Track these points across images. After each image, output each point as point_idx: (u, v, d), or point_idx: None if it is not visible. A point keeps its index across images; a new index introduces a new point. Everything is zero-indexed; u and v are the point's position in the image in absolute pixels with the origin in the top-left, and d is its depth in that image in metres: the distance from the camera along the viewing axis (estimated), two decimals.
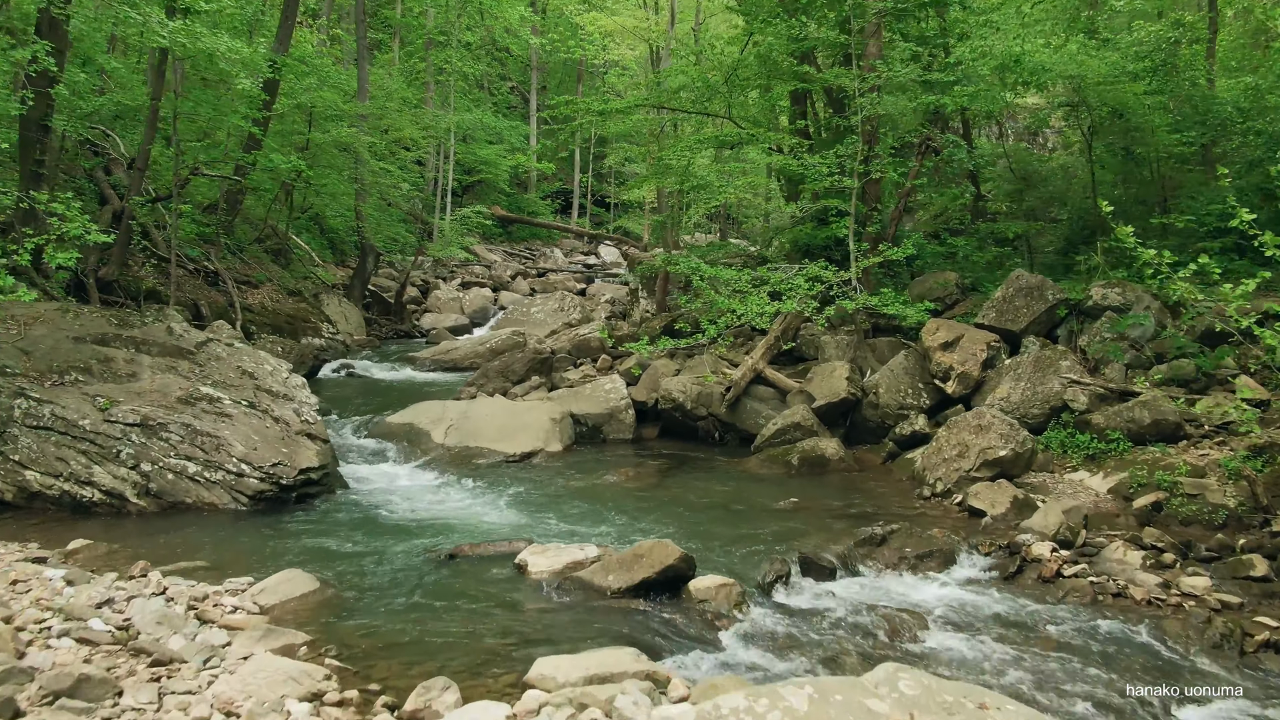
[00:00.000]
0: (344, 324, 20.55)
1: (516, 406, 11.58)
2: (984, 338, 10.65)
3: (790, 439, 10.28)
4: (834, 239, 13.25)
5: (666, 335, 18.12)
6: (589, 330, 18.40)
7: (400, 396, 14.34)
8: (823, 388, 10.69)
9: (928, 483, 8.59)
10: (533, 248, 35.88)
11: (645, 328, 17.95)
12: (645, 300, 22.19)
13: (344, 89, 22.57)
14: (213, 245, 17.02)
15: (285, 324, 17.07)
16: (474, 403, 11.79)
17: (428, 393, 14.55)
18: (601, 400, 11.76)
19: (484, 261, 30.57)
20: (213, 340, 10.57)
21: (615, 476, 9.45)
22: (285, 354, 15.42)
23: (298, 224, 25.53)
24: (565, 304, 22.15)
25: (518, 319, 22.25)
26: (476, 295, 25.31)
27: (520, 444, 10.64)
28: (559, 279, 28.92)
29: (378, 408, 13.02)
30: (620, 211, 42.26)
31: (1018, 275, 11.01)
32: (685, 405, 11.37)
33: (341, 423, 11.85)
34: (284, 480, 8.34)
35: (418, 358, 17.77)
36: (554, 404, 11.70)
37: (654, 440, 11.68)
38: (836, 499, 8.67)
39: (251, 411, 9.15)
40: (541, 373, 12.97)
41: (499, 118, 36.89)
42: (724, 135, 13.21)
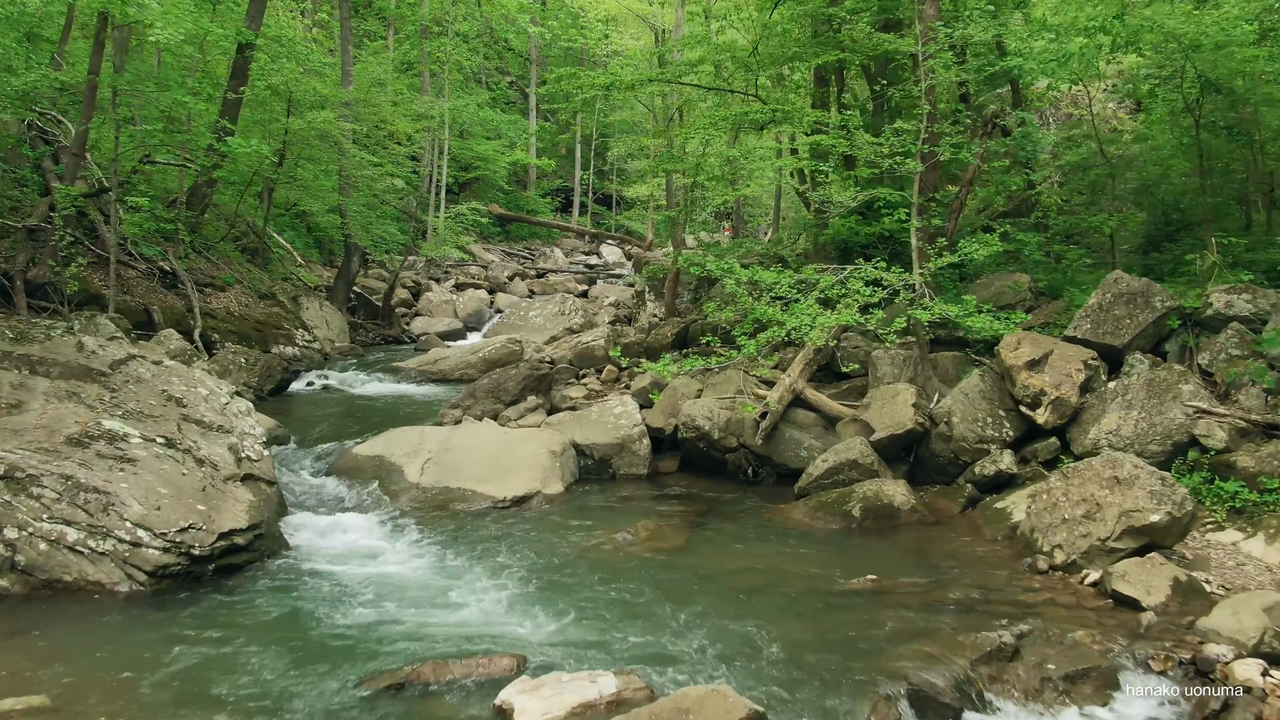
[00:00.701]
0: (324, 330, 18.41)
1: (509, 435, 9.43)
2: (1078, 354, 8.51)
3: (844, 479, 8.14)
4: (879, 235, 11.12)
5: (680, 345, 16.04)
6: (593, 338, 16.25)
7: (378, 416, 12.21)
8: (883, 416, 8.54)
9: (1041, 550, 6.44)
10: (532, 247, 33.74)
11: (655, 335, 15.81)
12: (652, 303, 20.05)
13: (325, 74, 20.43)
14: (172, 243, 14.85)
15: (254, 331, 14.91)
16: (458, 430, 9.64)
17: (408, 412, 12.41)
18: (610, 427, 9.61)
19: (480, 261, 28.42)
20: (135, 358, 8.41)
21: (630, 534, 7.30)
22: (249, 366, 13.30)
23: (281, 221, 23.40)
24: (566, 307, 20.00)
25: (514, 324, 20.10)
26: (471, 297, 23.16)
27: (512, 485, 8.49)
28: (559, 280, 26.77)
29: (347, 432, 10.88)
30: (623, 210, 40.09)
31: (1116, 278, 8.87)
32: (711, 435, 9.23)
33: (300, 454, 9.70)
34: (196, 550, 6.18)
35: (403, 368, 15.62)
36: (553, 432, 9.56)
37: (673, 476, 9.54)
38: (921, 571, 6.52)
39: (167, 453, 7.00)
40: (539, 391, 10.82)
41: (497, 111, 34.75)
42: (750, 112, 11.05)
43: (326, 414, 12.27)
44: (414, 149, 27.68)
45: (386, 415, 12.31)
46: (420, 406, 12.93)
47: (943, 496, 8.27)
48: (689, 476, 9.46)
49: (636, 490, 9.00)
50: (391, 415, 12.33)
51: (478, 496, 8.33)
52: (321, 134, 17.85)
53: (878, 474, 8.14)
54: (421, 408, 12.86)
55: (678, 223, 15.58)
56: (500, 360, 15.52)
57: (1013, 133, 10.31)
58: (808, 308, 7.86)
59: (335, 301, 20.02)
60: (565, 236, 35.91)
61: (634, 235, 37.17)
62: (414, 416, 12.01)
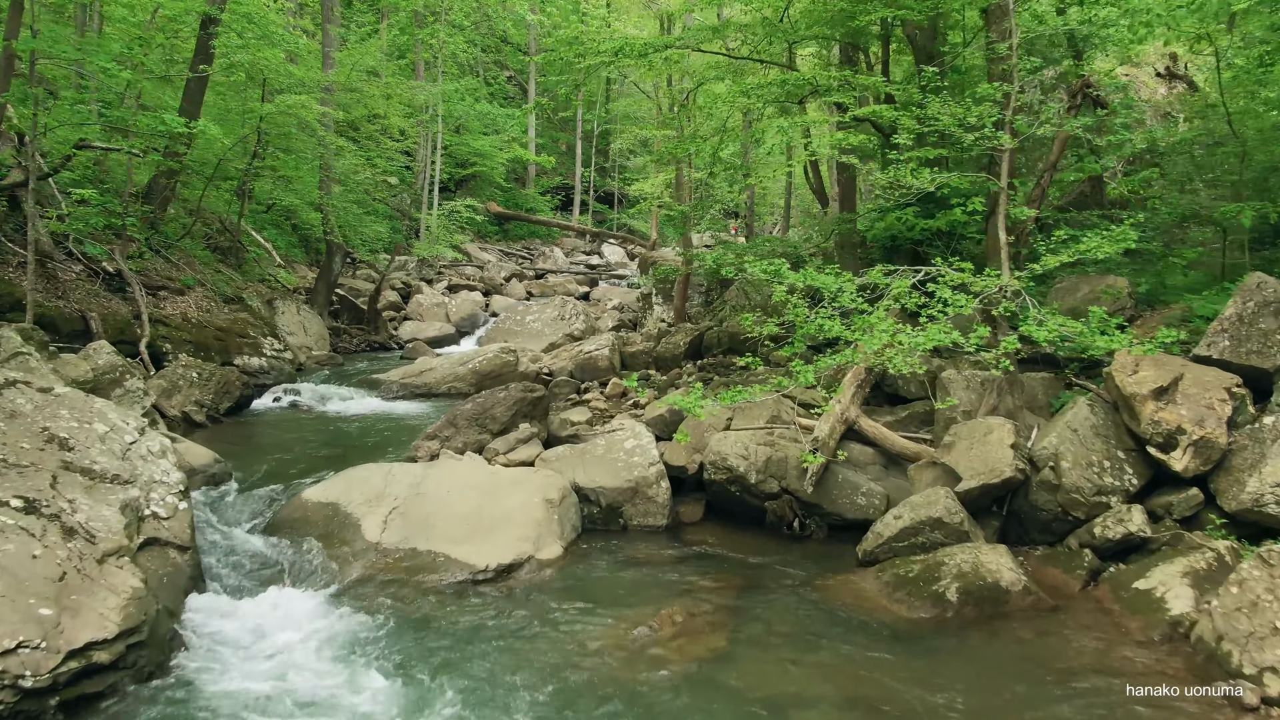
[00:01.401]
0: (301, 337, 16.42)
1: (496, 477, 7.43)
2: (1217, 380, 6.53)
3: (925, 542, 6.16)
4: (934, 231, 9.15)
5: (695, 356, 14.02)
6: (596, 346, 14.24)
7: (347, 441, 10.22)
8: (972, 459, 6.54)
9: (1242, 671, 4.45)
10: (531, 247, 31.74)
11: (666, 345, 13.80)
12: (660, 307, 18.04)
13: (304, 58, 18.41)
14: (121, 241, 12.84)
15: (214, 340, 12.91)
16: (434, 468, 7.64)
17: (383, 436, 10.42)
18: (621, 466, 7.61)
19: (476, 261, 26.42)
20: (14, 385, 6.41)
21: (650, 629, 5.30)
22: (202, 382, 11.30)
23: (263, 219, 21.39)
24: (566, 311, 18.01)
25: (510, 329, 18.10)
26: (465, 300, 21.15)
27: (497, 548, 6.49)
28: (559, 281, 24.76)
29: (306, 464, 8.90)
30: (625, 207, 38.08)
31: (1259, 283, 6.87)
32: (747, 478, 7.24)
33: (239, 500, 7.70)
34: (29, 680, 4.18)
35: (384, 381, 13.62)
36: (550, 472, 7.55)
37: (698, 528, 7.54)
38: (1065, 699, 4.53)
39: (18, 523, 5.00)
40: (533, 417, 8.82)
41: (495, 105, 32.74)
42: (787, 82, 9.01)
43: (287, 439, 10.27)
44: (407, 143, 25.68)
45: (357, 441, 10.32)
46: (398, 429, 10.94)
47: (1051, 563, 6.27)
48: (718, 528, 7.46)
49: (654, 549, 7.00)
50: (363, 440, 10.35)
51: (452, 564, 6.33)
52: (301, 122, 15.84)
53: (968, 536, 6.15)
54: (400, 430, 10.88)
55: (690, 219, 13.57)
56: (492, 373, 13.53)
57: (1109, 105, 8.37)
58: (881, 322, 5.86)
59: (315, 305, 18.04)
60: (565, 236, 33.92)
61: (637, 234, 35.17)
62: (389, 442, 10.03)
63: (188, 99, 14.85)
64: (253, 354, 13.31)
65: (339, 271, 18.31)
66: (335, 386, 13.73)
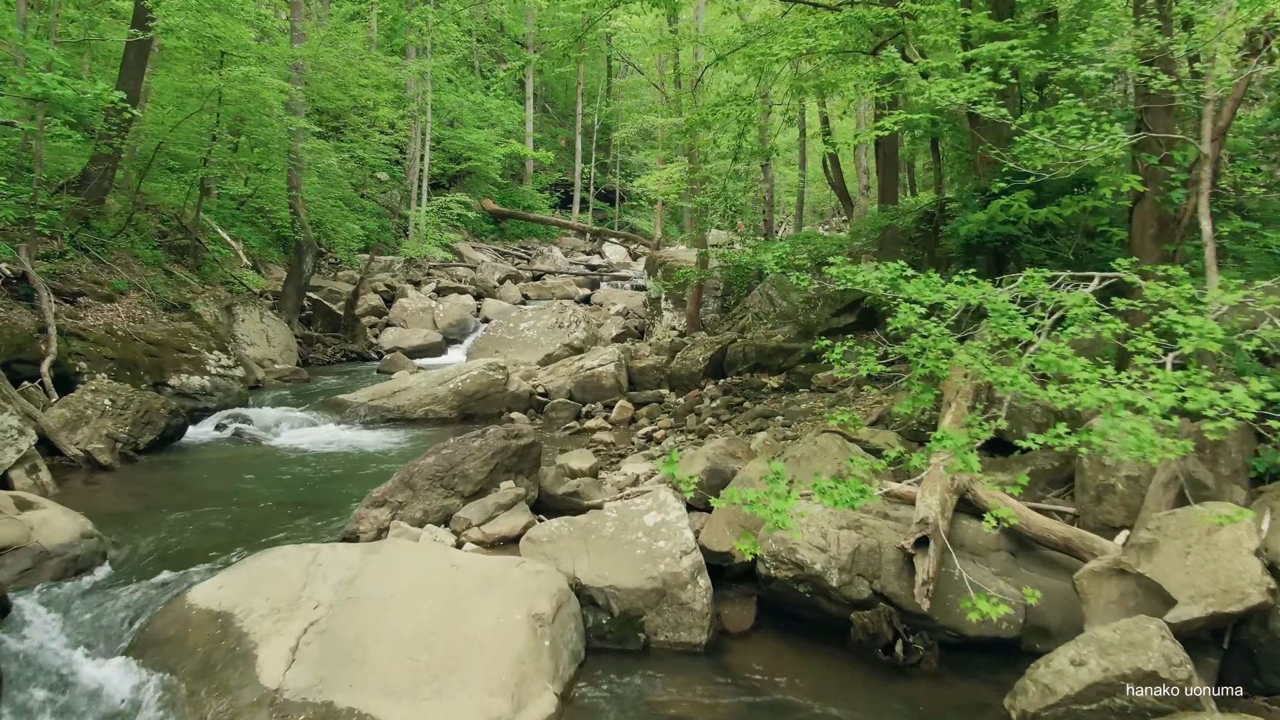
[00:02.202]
0: (263, 348, 14.04)
1: (463, 572, 5.05)
2: None
3: (1129, 707, 3.80)
4: (1035, 225, 6.80)
5: (717, 374, 11.64)
6: (599, 362, 11.86)
7: (285, 495, 7.82)
8: (1191, 572, 4.16)
9: None
10: (528, 246, 29.34)
11: (682, 361, 11.42)
12: (670, 312, 15.66)
13: (271, 34, 16.00)
14: (30, 238, 10.44)
15: (144, 357, 10.52)
16: (377, 555, 5.25)
17: (332, 484, 8.03)
18: (641, 554, 5.23)
19: (469, 262, 24.02)
20: None
21: None
22: (118, 410, 8.94)
23: (235, 215, 18.98)
24: (565, 318, 15.63)
25: (503, 338, 15.72)
26: (454, 304, 18.76)
27: (454, 710, 4.13)
28: (557, 283, 22.36)
29: (216, 536, 6.52)
30: (626, 205, 35.69)
31: None
32: (827, 578, 4.88)
33: (102, 598, 5.33)
34: None
35: (350, 404, 11.23)
36: (540, 565, 5.18)
37: (751, 644, 5.16)
38: None
39: None
40: (519, 471, 6.45)
41: (492, 97, 30.32)
42: (869, 14, 6.57)
43: (210, 489, 7.88)
44: (397, 137, 23.29)
45: (300, 491, 7.94)
46: (357, 471, 8.55)
47: None
48: (779, 645, 5.10)
49: (690, 684, 4.64)
50: (308, 490, 7.97)
51: None
52: (259, 101, 13.44)
53: (1196, 702, 3.78)
54: (358, 473, 8.50)
55: (714, 212, 11.22)
56: (477, 393, 11.16)
57: None
58: (1083, 369, 3.48)
59: (284, 311, 15.66)
60: (565, 234, 31.52)
61: (639, 233, 32.78)
62: (340, 495, 7.64)
63: (126, 73, 12.47)
64: (193, 372, 10.93)
65: (310, 273, 15.91)
66: (293, 409, 11.36)
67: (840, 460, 6.23)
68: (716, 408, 9.84)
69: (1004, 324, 3.66)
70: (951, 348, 3.82)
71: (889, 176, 12.51)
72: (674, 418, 10.16)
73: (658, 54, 20.95)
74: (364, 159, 23.31)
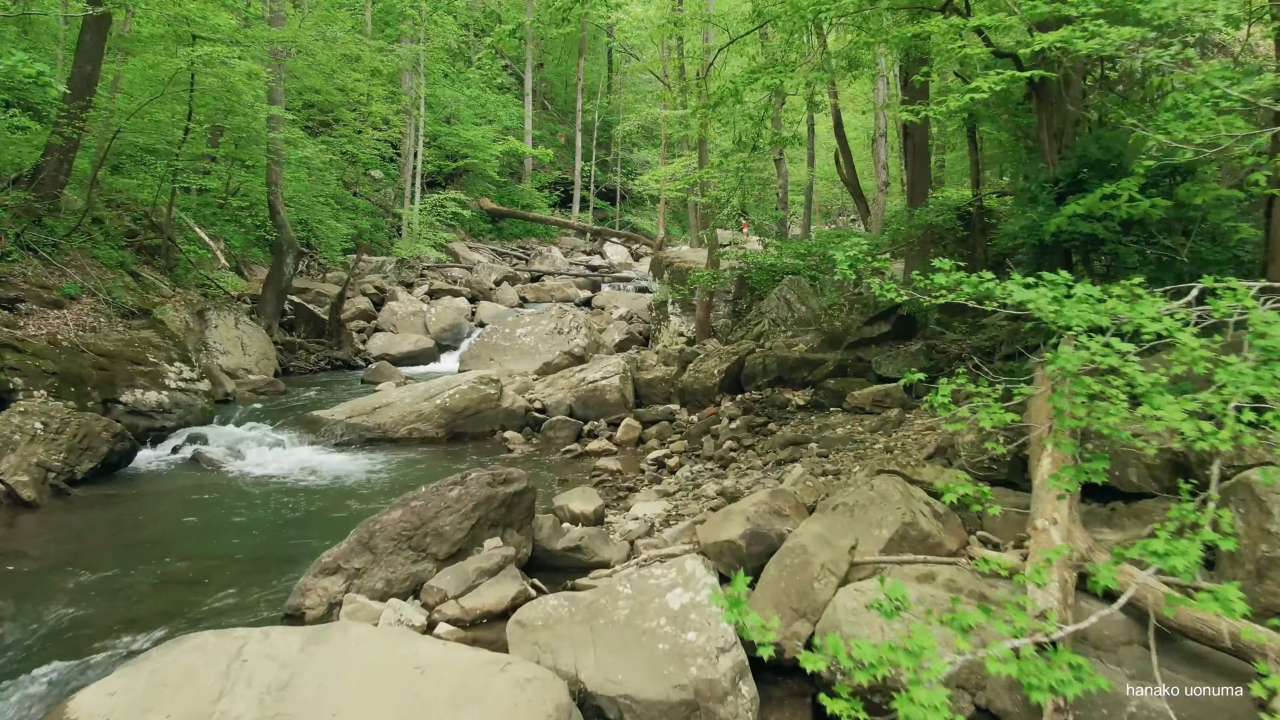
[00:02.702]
0: (237, 356, 12.75)
1: (428, 681, 3.75)
2: None
3: None
4: (1122, 223, 5.53)
5: (734, 389, 10.33)
6: (603, 374, 10.58)
7: (237, 540, 6.53)
8: None
9: None
10: (527, 246, 28.04)
11: (695, 375, 10.15)
12: (677, 317, 14.37)
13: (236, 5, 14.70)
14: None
15: (93, 370, 9.22)
16: (321, 645, 3.96)
17: (286, 535, 6.72)
18: (664, 650, 3.94)
19: (465, 262, 22.71)
20: None
21: None
22: (52, 435, 7.66)
23: (218, 214, 17.67)
24: (564, 323, 14.34)
25: (498, 344, 14.43)
26: (447, 308, 17.45)
27: None
28: (556, 285, 21.06)
29: (141, 601, 5.24)
30: (628, 205, 34.38)
31: None
32: None
33: None
34: None
35: (326, 421, 9.93)
36: (530, 666, 3.89)
37: None
38: None
39: None
40: (508, 525, 5.15)
41: (488, 90, 29.03)
42: None
43: (148, 533, 6.58)
44: (391, 133, 21.99)
45: (254, 533, 6.65)
46: (322, 516, 7.24)
47: None
48: None
49: None
50: (262, 531, 6.67)
51: None
52: (227, 85, 12.13)
53: None
54: (328, 512, 7.21)
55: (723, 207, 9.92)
56: (467, 410, 9.88)
57: None
58: None
59: (263, 315, 14.37)
60: (564, 234, 30.22)
61: (640, 232, 31.50)
62: (293, 550, 6.33)
63: (83, 56, 11.18)
64: (150, 386, 9.63)
65: (291, 275, 14.61)
66: (263, 427, 10.07)
67: (904, 510, 4.95)
68: (736, 429, 8.55)
69: (1244, 378, 2.37)
70: (1163, 405, 2.52)
71: (920, 170, 11.23)
72: (687, 439, 8.88)
73: (661, 44, 19.62)
74: (356, 155, 22.07)
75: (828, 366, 9.37)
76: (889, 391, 7.78)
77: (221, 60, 10.20)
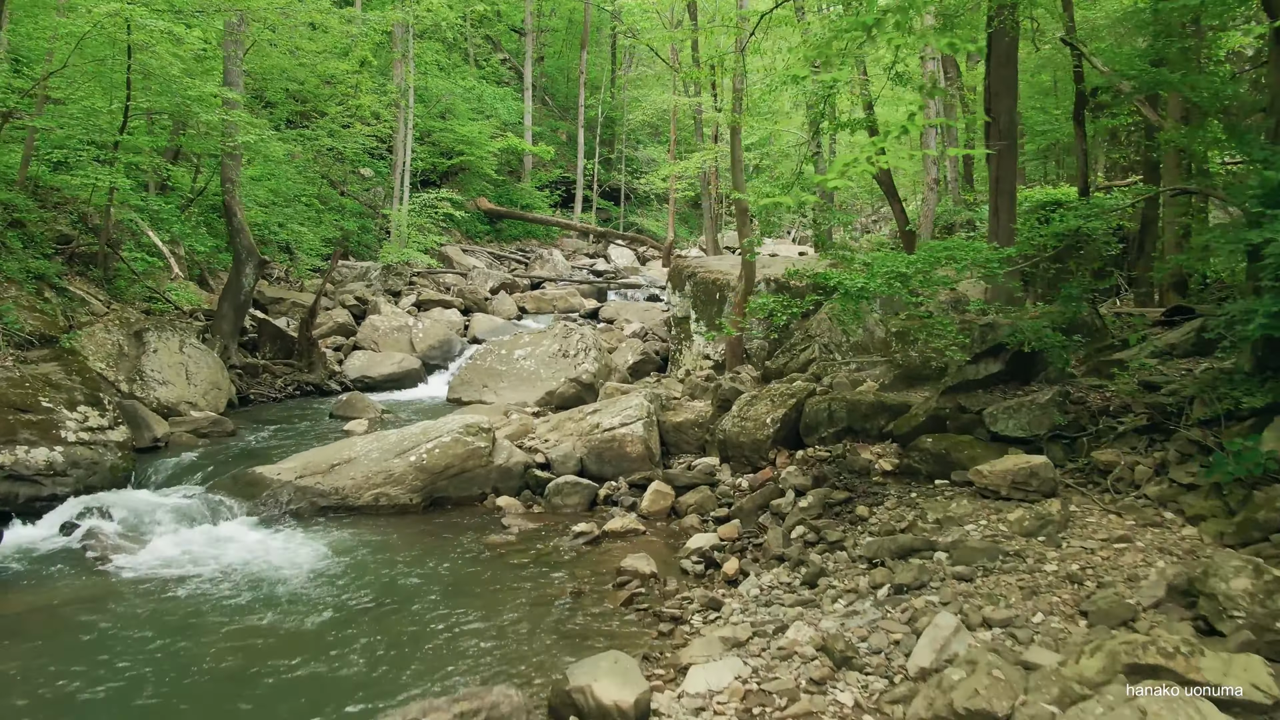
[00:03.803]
0: (180, 387, 10.32)
1: None
2: None
3: None
4: None
5: (793, 443, 7.81)
6: (622, 419, 8.16)
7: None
8: None
9: None
10: (526, 248, 25.59)
11: (743, 422, 7.80)
12: (702, 337, 11.97)
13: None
14: None
15: None
16: None
17: (174, 690, 4.30)
18: None
19: (459, 268, 20.26)
20: None
21: None
22: None
23: (179, 217, 15.19)
24: (570, 344, 11.93)
25: (493, 368, 12.02)
26: (436, 322, 15.03)
27: None
28: (559, 294, 18.61)
29: None
30: (633, 205, 31.91)
31: None
32: None
33: None
34: None
35: (270, 482, 7.49)
36: None
37: None
38: None
39: None
40: None
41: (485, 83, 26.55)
42: None
43: None
44: (382, 129, 19.51)
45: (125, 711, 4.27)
46: (242, 672, 4.83)
47: None
48: None
49: None
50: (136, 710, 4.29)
51: None
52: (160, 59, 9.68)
53: None
54: (239, 682, 4.80)
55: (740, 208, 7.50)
56: (449, 468, 7.48)
57: None
58: None
59: (218, 334, 11.92)
60: (566, 236, 27.78)
61: (646, 234, 29.09)
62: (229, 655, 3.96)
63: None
64: (39, 441, 7.21)
65: (251, 287, 12.16)
66: (191, 489, 7.68)
67: None
68: (808, 508, 6.15)
69: None
70: None
71: (1007, 164, 8.83)
72: (740, 518, 6.49)
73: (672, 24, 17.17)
74: (343, 152, 19.61)
75: (917, 417, 6.97)
76: (1035, 469, 5.38)
77: (134, 22, 7.73)
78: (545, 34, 32.72)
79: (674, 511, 7.08)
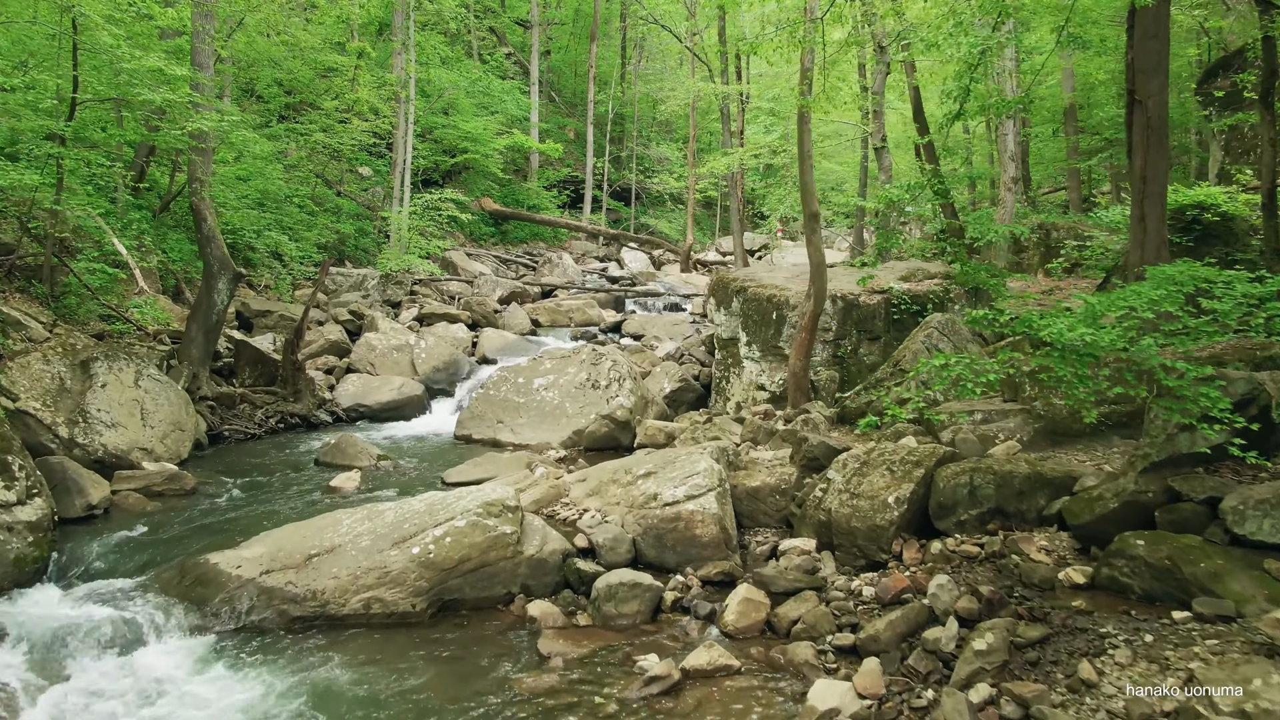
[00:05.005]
0: (132, 429, 8.26)
1: None
2: None
3: None
4: None
5: (925, 531, 5.69)
6: (686, 491, 6.12)
7: None
8: None
9: None
10: (534, 251, 23.53)
11: (853, 494, 5.77)
12: (755, 364, 9.95)
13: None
14: None
15: None
16: None
17: None
18: None
19: (464, 274, 18.19)
20: None
21: None
22: None
23: (151, 221, 13.11)
24: (600, 371, 9.89)
25: (508, 399, 9.98)
26: (441, 339, 12.96)
27: None
28: (575, 305, 16.52)
29: None
30: (644, 205, 29.82)
31: None
32: None
33: None
34: None
35: (226, 580, 5.45)
36: None
37: None
38: None
39: None
40: None
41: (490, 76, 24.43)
42: None
43: None
44: (381, 126, 17.42)
45: None
46: None
47: None
48: None
49: None
50: None
51: None
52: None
53: None
54: None
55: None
56: (464, 564, 5.42)
57: None
58: None
59: (186, 362, 9.85)
60: (574, 238, 25.72)
61: (659, 235, 27.05)
62: None
63: None
64: None
65: (225, 305, 10.08)
66: (121, 583, 5.64)
67: None
68: (988, 657, 4.11)
69: None
70: None
71: (1157, 162, 6.85)
72: (877, 654, 4.47)
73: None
74: (339, 150, 17.52)
75: (1103, 501, 4.96)
76: None
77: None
78: (552, 26, 30.60)
79: (769, 627, 5.07)
